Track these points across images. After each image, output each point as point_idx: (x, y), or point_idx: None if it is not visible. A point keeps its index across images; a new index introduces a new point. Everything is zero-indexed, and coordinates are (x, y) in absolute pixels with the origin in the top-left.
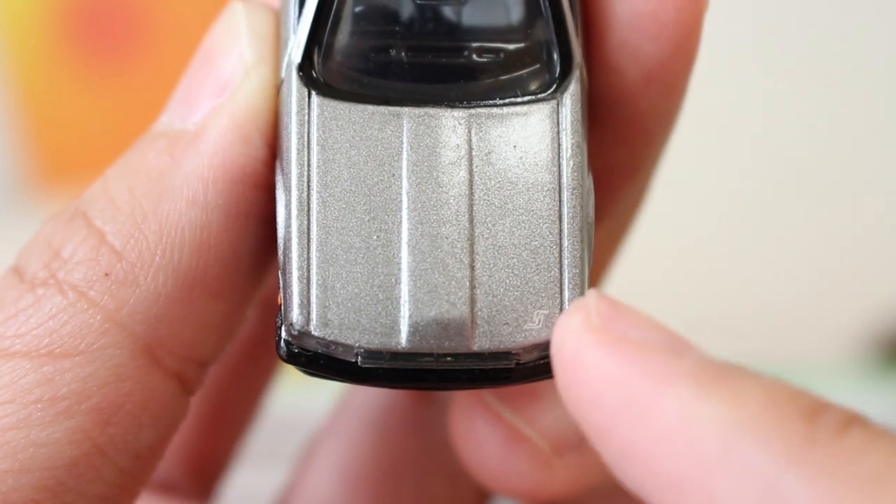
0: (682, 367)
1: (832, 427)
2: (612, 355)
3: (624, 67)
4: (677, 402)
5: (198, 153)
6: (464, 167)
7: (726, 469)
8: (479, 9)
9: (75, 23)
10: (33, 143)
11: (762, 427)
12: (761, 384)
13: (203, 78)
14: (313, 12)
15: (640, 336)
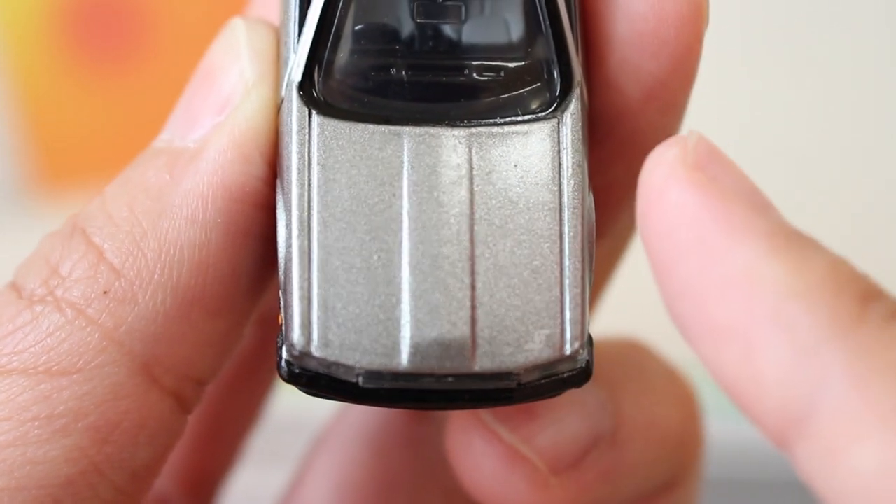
0: (759, 224)
1: (882, 313)
2: (699, 194)
3: (624, 85)
4: (745, 256)
5: (197, 171)
6: (465, 186)
7: (772, 327)
8: (480, 27)
9: (75, 23)
10: (33, 143)
11: (817, 298)
12: (828, 258)
13: (203, 95)
14: (313, 31)
15: (729, 183)
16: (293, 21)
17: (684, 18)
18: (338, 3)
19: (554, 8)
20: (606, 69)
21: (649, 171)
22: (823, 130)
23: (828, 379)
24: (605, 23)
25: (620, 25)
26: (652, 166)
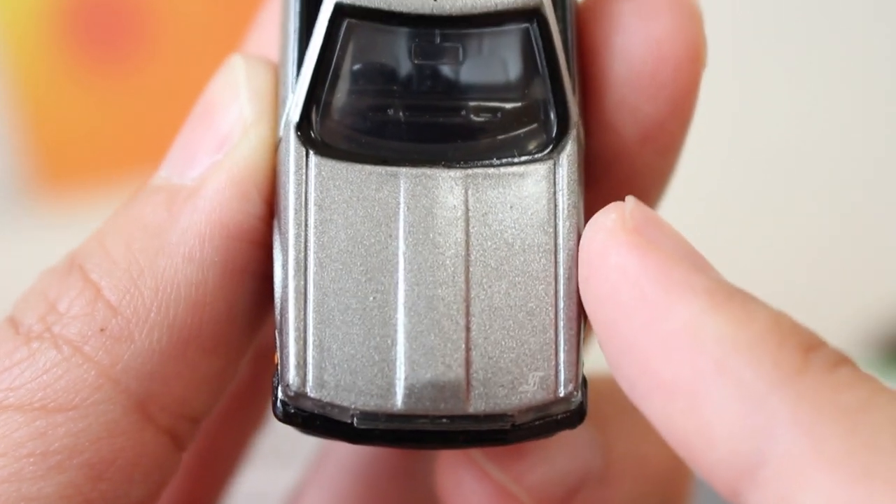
0: (698, 282)
1: (824, 362)
2: (638, 256)
3: (621, 126)
4: (686, 312)
5: (195, 209)
6: (460, 228)
7: (717, 379)
8: (477, 67)
9: (75, 23)
10: (33, 143)
11: (760, 349)
12: (768, 312)
13: (202, 133)
14: (311, 71)
15: (667, 244)
16: (291, 61)
17: (682, 61)
18: (336, 43)
19: (551, 49)
20: (604, 110)
21: (590, 238)
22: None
23: (775, 427)
24: (603, 63)
25: (618, 66)
26: (592, 233)
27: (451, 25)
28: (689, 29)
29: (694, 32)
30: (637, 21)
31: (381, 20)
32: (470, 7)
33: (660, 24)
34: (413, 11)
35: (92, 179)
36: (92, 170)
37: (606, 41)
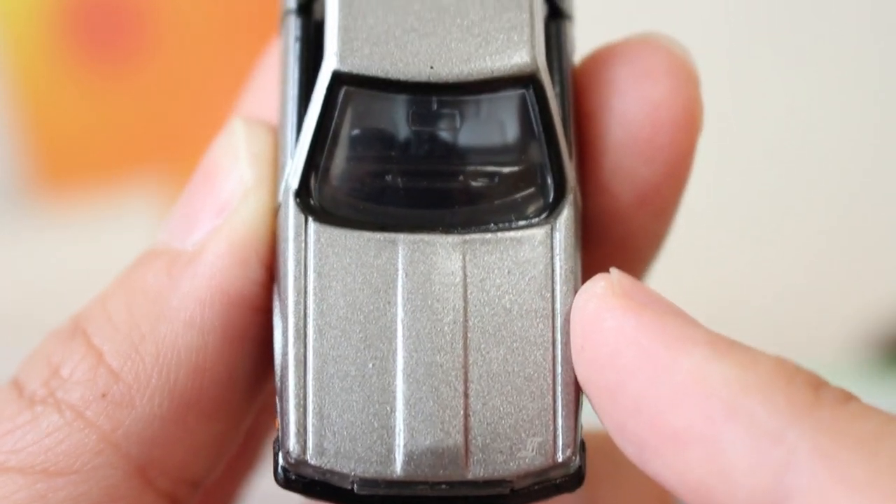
0: (697, 334)
1: (834, 396)
2: (634, 316)
3: (618, 189)
4: (691, 362)
5: (195, 275)
6: (458, 294)
7: (732, 422)
8: (474, 133)
9: (75, 23)
10: (33, 143)
11: (770, 388)
12: (771, 356)
13: (203, 197)
14: (310, 138)
15: (659, 305)
16: (290, 127)
17: (679, 125)
18: (334, 110)
19: (547, 115)
20: (601, 173)
21: (582, 306)
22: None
23: (796, 460)
24: (601, 127)
25: (616, 130)
26: (583, 301)
27: (447, 92)
28: (686, 93)
29: (691, 96)
30: (635, 84)
31: (379, 88)
32: (466, 74)
33: (657, 88)
34: (410, 79)
35: (92, 179)
36: (92, 170)
37: (604, 104)
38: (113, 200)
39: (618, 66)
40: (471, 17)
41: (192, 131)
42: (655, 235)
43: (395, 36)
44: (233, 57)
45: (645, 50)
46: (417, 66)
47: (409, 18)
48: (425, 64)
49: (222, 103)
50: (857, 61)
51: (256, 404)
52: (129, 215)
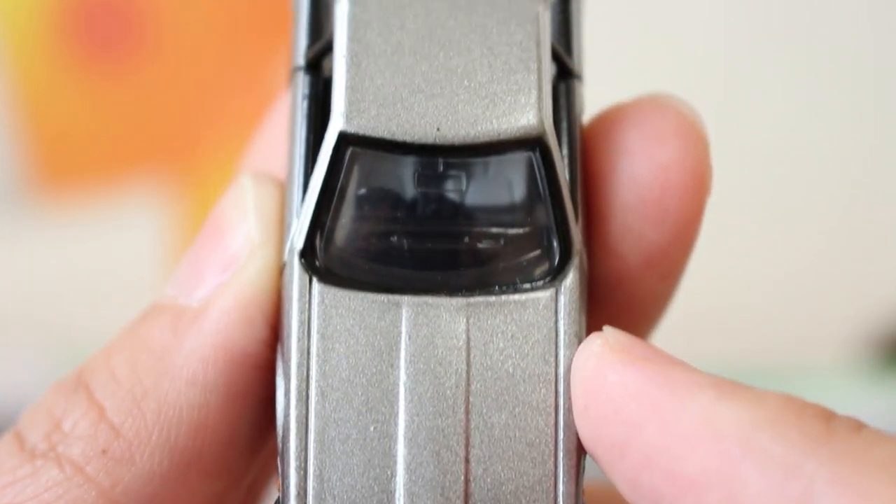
0: (701, 378)
1: (846, 425)
2: (635, 369)
3: (625, 251)
4: (699, 406)
5: (200, 332)
6: (462, 358)
7: (749, 460)
8: (480, 194)
9: (75, 23)
10: (33, 143)
11: (782, 423)
12: (776, 393)
13: (209, 253)
14: (315, 199)
15: (657, 356)
16: (297, 186)
17: (688, 188)
18: (340, 170)
19: (553, 177)
20: (608, 234)
21: (581, 367)
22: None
23: (817, 491)
24: (609, 188)
25: (624, 192)
26: (582, 362)
27: (454, 154)
28: (695, 156)
29: (700, 159)
30: (644, 147)
31: (385, 149)
32: (473, 136)
33: (667, 151)
34: (417, 141)
35: (92, 179)
36: (92, 170)
37: (612, 166)
38: (113, 200)
39: (627, 127)
40: (478, 78)
41: (192, 131)
42: (662, 297)
43: (403, 97)
44: (233, 57)
45: (655, 111)
46: (424, 128)
47: (417, 79)
48: (432, 126)
49: (222, 103)
50: (857, 62)
51: (258, 462)
52: (129, 215)
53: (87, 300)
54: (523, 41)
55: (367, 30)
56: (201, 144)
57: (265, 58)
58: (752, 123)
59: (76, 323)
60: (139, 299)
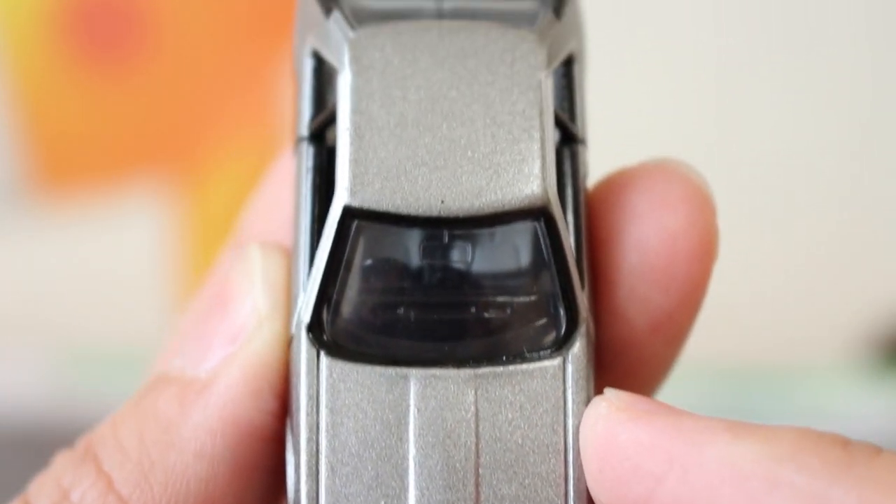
0: (712, 422)
1: (865, 450)
2: (646, 423)
3: (631, 316)
4: (717, 449)
5: (207, 405)
6: (471, 430)
7: (776, 494)
8: (485, 264)
9: (75, 23)
10: (33, 143)
11: (801, 455)
12: (790, 427)
13: (217, 323)
14: (322, 272)
15: (662, 408)
16: (303, 258)
17: (695, 254)
18: (345, 244)
19: (559, 246)
20: (614, 298)
21: (590, 430)
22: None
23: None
24: (616, 252)
25: (631, 257)
26: (590, 426)
27: (458, 226)
28: (703, 222)
29: (708, 225)
30: (652, 212)
31: (390, 222)
32: (477, 208)
33: (675, 217)
34: (421, 214)
35: (92, 179)
36: (92, 170)
37: (619, 231)
38: (113, 200)
39: (634, 192)
40: (482, 148)
41: (192, 131)
42: (666, 362)
43: (406, 170)
44: (233, 57)
45: (662, 177)
46: (428, 201)
47: (420, 151)
48: (436, 198)
49: (222, 103)
50: (857, 62)
51: None
52: (130, 215)
53: (87, 300)
54: (526, 110)
55: (369, 102)
56: (201, 144)
57: (265, 57)
58: (751, 124)
59: (76, 323)
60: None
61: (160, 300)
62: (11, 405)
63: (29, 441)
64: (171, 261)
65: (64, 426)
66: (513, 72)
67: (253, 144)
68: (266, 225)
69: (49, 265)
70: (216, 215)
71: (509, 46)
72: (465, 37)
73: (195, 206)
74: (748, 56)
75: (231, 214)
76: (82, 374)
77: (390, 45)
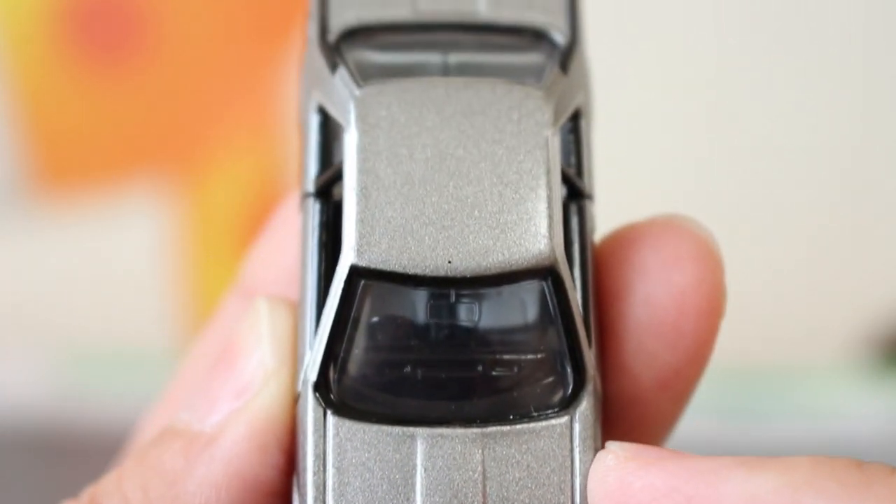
0: (724, 460)
1: (881, 471)
2: (658, 468)
3: (638, 371)
4: (736, 486)
5: (212, 459)
6: (478, 490)
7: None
8: (492, 323)
9: (75, 23)
10: (33, 143)
11: (819, 481)
12: (804, 457)
13: (223, 378)
14: (329, 330)
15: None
16: (309, 316)
17: (703, 312)
18: (352, 303)
19: (566, 305)
20: (621, 354)
21: (601, 484)
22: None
23: None
24: (623, 308)
25: (639, 313)
26: (601, 479)
27: (466, 286)
28: (712, 279)
29: (716, 282)
30: (661, 269)
31: (397, 281)
32: (484, 268)
33: (684, 275)
34: (428, 274)
35: (92, 179)
36: (92, 170)
37: (627, 286)
38: (113, 200)
39: (642, 248)
40: (489, 207)
41: (192, 131)
42: (672, 417)
43: (413, 229)
44: (233, 57)
45: (671, 233)
46: (435, 261)
47: (427, 210)
48: (443, 258)
49: (222, 103)
50: (857, 62)
51: None
52: (130, 215)
53: (87, 300)
54: (532, 168)
55: (376, 161)
56: (201, 144)
57: (266, 58)
58: (752, 124)
59: (76, 323)
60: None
61: (160, 300)
62: (12, 405)
63: (29, 441)
64: (171, 261)
65: (64, 426)
66: (519, 129)
67: (253, 144)
68: (270, 272)
69: (49, 265)
70: (216, 215)
71: (516, 103)
72: (472, 94)
73: (195, 206)
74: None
75: (231, 214)
76: (82, 374)
77: (396, 102)
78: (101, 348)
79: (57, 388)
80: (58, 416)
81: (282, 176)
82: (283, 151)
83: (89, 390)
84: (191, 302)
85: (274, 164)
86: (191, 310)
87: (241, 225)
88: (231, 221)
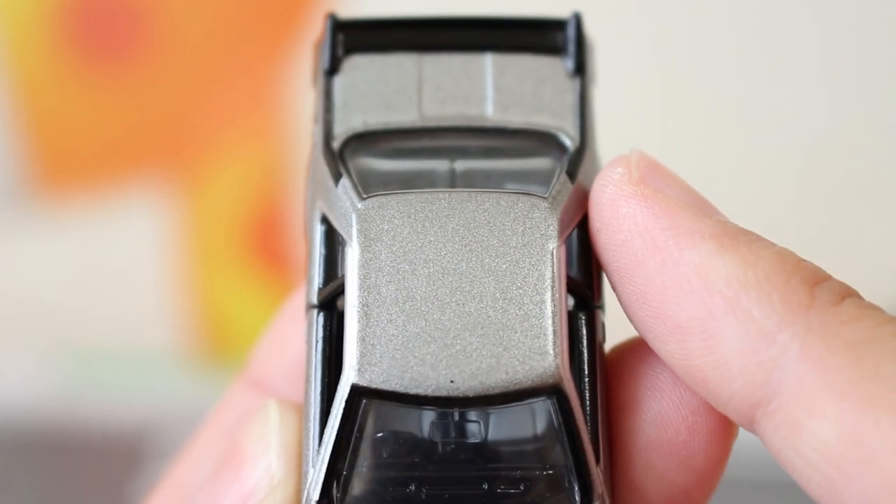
0: (704, 227)
1: (829, 296)
2: (647, 206)
3: (647, 488)
4: (697, 256)
5: None
6: None
7: (731, 319)
8: (497, 441)
9: (75, 22)
10: (33, 143)
11: (768, 287)
12: (773, 250)
13: (230, 483)
14: (331, 449)
15: (673, 192)
16: (313, 432)
17: (715, 433)
18: (354, 422)
19: (572, 424)
20: (630, 470)
21: (600, 190)
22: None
23: (786, 360)
24: (634, 424)
25: (650, 430)
26: (601, 186)
27: (469, 405)
28: None
29: None
30: (673, 388)
31: (399, 401)
32: (488, 388)
33: (696, 394)
34: (430, 394)
35: (92, 179)
36: (92, 170)
37: (638, 402)
38: (113, 200)
39: (656, 364)
40: (492, 324)
41: (192, 131)
42: None
43: (415, 347)
44: (233, 57)
45: None
46: (437, 381)
47: (430, 328)
48: (445, 378)
49: (222, 103)
50: (857, 62)
51: None
52: (130, 215)
53: (87, 300)
54: (537, 283)
55: (377, 277)
56: (201, 144)
57: (265, 58)
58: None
59: (76, 323)
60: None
61: (160, 300)
62: (12, 405)
63: (29, 441)
64: (171, 261)
65: (64, 426)
66: (524, 242)
67: (253, 144)
68: (276, 363)
69: (49, 265)
70: (216, 215)
71: (521, 216)
72: (475, 206)
73: (195, 206)
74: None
75: (231, 214)
76: (82, 374)
77: (398, 216)
78: (101, 348)
79: (57, 388)
80: (58, 416)
81: (282, 176)
82: (284, 152)
83: (89, 390)
84: (191, 302)
85: (274, 165)
86: (191, 310)
87: (241, 225)
88: (231, 221)
